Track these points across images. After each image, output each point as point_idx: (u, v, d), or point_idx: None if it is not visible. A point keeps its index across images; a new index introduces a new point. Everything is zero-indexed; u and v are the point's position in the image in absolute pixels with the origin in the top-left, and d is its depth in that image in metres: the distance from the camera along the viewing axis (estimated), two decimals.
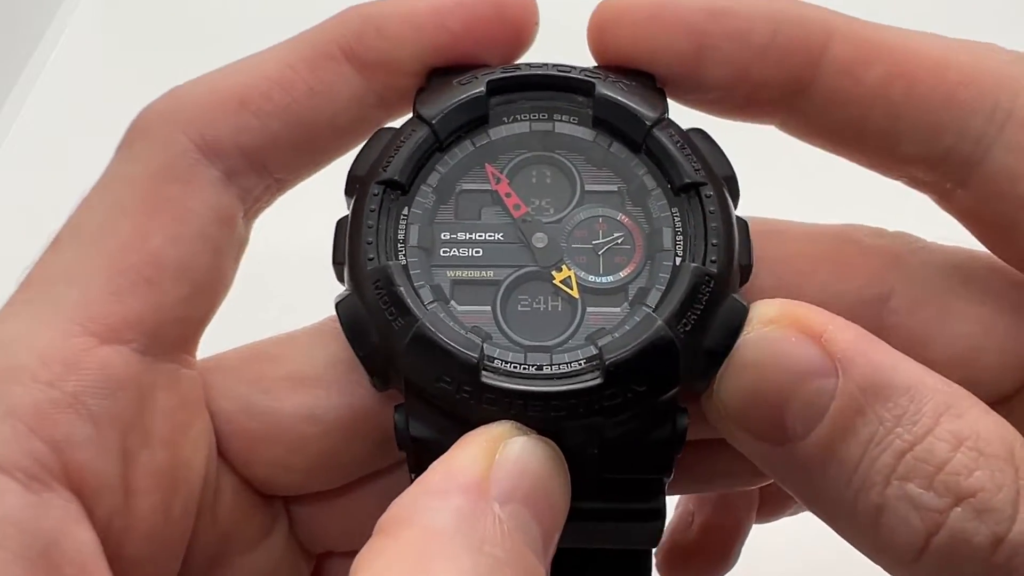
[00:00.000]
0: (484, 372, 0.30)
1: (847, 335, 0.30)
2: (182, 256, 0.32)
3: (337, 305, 0.32)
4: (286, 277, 0.62)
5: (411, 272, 0.32)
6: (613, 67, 0.35)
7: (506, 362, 0.31)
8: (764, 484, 0.43)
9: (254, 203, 0.35)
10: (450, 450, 0.29)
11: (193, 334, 0.34)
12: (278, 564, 0.37)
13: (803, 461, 0.30)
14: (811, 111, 0.34)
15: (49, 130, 0.66)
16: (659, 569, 0.47)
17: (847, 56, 0.33)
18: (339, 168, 0.35)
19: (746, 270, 0.33)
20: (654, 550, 0.36)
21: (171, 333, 0.32)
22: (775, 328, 0.31)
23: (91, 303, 0.31)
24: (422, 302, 0.32)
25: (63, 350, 0.30)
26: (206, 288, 0.33)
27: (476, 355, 0.30)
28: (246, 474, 0.35)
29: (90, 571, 0.28)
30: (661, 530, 0.34)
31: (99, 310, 0.31)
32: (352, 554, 0.38)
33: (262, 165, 0.34)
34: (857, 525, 0.30)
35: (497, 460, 0.29)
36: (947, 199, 0.35)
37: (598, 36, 0.34)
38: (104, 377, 0.30)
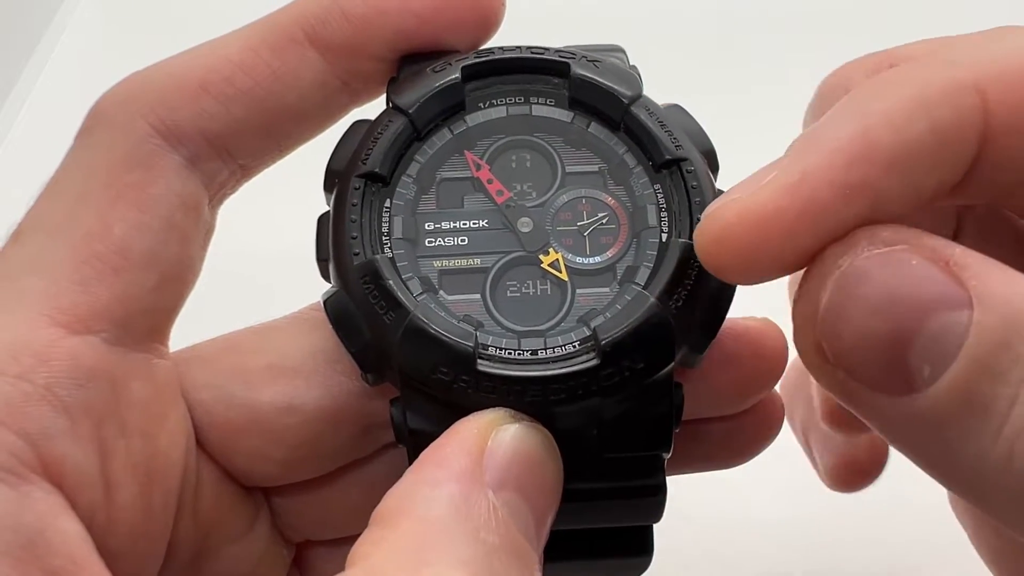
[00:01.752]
0: (480, 360, 0.30)
1: (978, 260, 0.25)
2: (148, 244, 0.32)
3: (325, 302, 0.32)
4: (264, 275, 0.62)
5: (398, 264, 0.32)
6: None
7: (500, 349, 0.31)
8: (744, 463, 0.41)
9: (219, 189, 0.34)
10: (441, 438, 0.29)
11: (164, 323, 0.33)
12: (261, 554, 0.37)
13: (935, 414, 0.25)
14: (983, 177, 0.29)
15: (49, 130, 0.66)
16: (834, 485, 0.43)
17: (1006, 110, 0.28)
18: (317, 163, 0.34)
19: None
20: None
21: (141, 322, 0.32)
22: (889, 251, 0.26)
23: (58, 294, 0.30)
24: (412, 294, 0.31)
25: (32, 342, 0.29)
26: (174, 276, 0.33)
27: (471, 344, 0.30)
28: (226, 465, 0.35)
29: (79, 561, 0.28)
30: (663, 505, 0.34)
31: (66, 301, 0.30)
32: (334, 543, 0.39)
33: (226, 150, 0.34)
34: (1011, 491, 0.25)
35: (489, 447, 0.29)
36: None
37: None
38: (75, 368, 0.30)
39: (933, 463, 0.27)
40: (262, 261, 0.62)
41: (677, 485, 0.34)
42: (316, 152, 0.35)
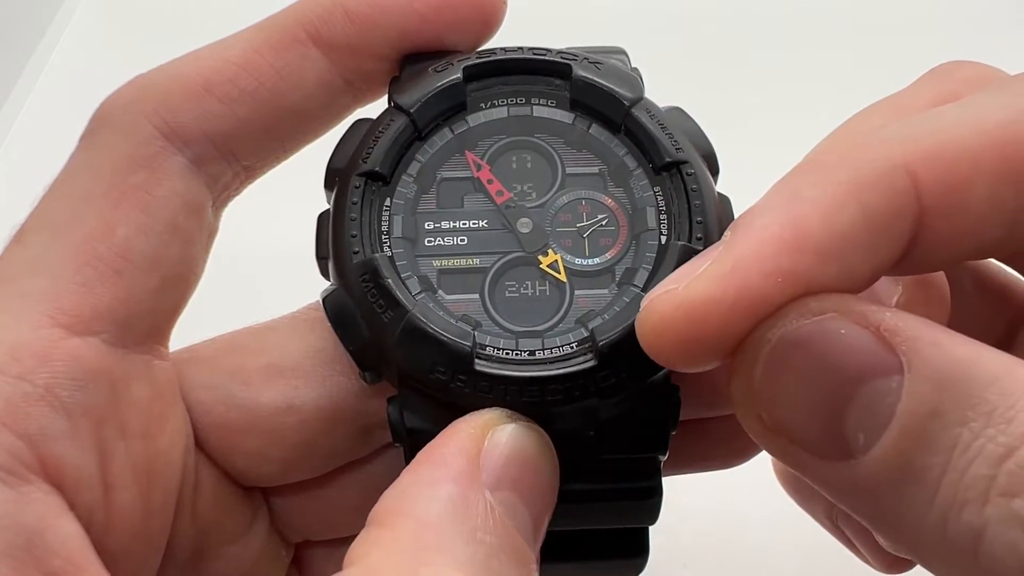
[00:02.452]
0: (477, 360, 0.30)
1: (910, 323, 0.25)
2: (150, 246, 0.32)
3: (324, 300, 0.32)
4: (264, 273, 0.62)
5: (397, 263, 0.32)
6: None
7: (498, 349, 0.31)
8: (742, 463, 0.41)
9: (223, 191, 0.34)
10: (438, 438, 0.29)
11: (164, 325, 0.33)
12: (259, 554, 0.37)
13: (872, 480, 0.25)
14: (929, 259, 0.28)
15: (49, 130, 0.67)
16: (890, 568, 0.42)
17: (940, 191, 0.27)
18: (318, 161, 0.35)
19: None
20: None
21: (142, 324, 0.32)
22: (818, 320, 0.26)
23: (60, 295, 0.30)
24: (410, 293, 0.32)
25: (33, 343, 0.29)
26: (176, 278, 0.33)
27: (468, 344, 0.30)
28: (225, 465, 0.35)
29: (78, 562, 0.28)
30: (659, 507, 0.34)
31: (68, 301, 0.30)
32: (332, 543, 0.39)
33: (230, 152, 0.34)
34: (949, 556, 0.25)
35: (486, 447, 0.29)
36: None
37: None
38: (75, 369, 0.30)
39: (876, 525, 0.27)
40: (261, 259, 0.62)
41: (673, 484, 0.34)
42: (317, 150, 0.35)
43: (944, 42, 0.78)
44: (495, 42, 0.35)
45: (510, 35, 0.35)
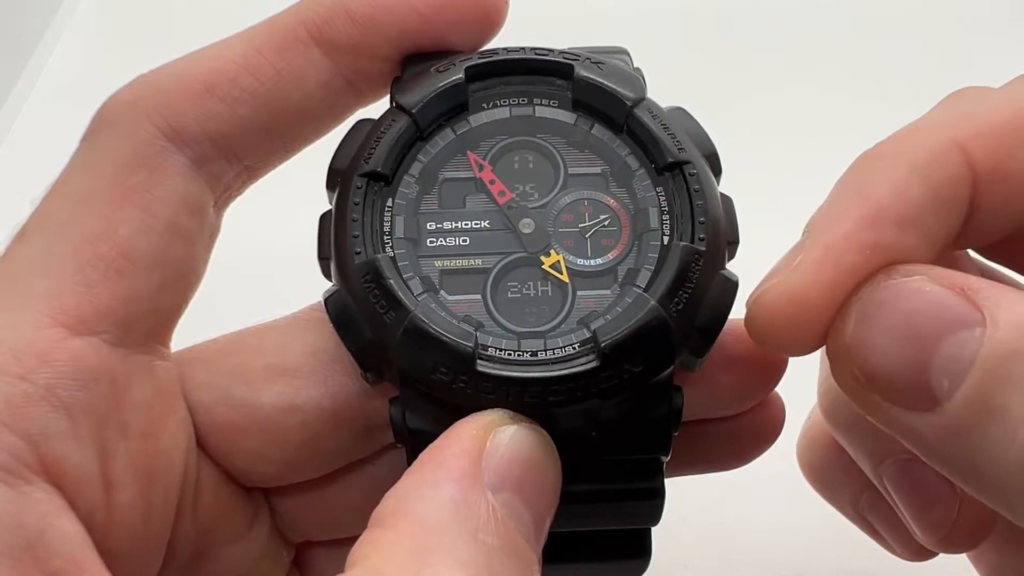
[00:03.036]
0: (479, 361, 0.30)
1: (990, 285, 0.27)
2: (152, 246, 0.32)
3: (326, 301, 0.32)
4: (265, 274, 0.62)
5: (399, 264, 0.32)
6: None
7: (500, 350, 0.31)
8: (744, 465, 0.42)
9: (224, 191, 0.34)
10: (440, 439, 0.29)
11: (166, 325, 0.33)
12: (260, 554, 0.37)
13: (956, 424, 0.27)
14: (988, 226, 0.31)
15: (49, 130, 0.67)
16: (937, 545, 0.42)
17: (988, 162, 0.30)
18: (319, 162, 0.34)
19: (733, 246, 0.33)
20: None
21: (143, 324, 0.32)
22: (905, 281, 0.28)
23: (61, 294, 0.30)
24: (412, 294, 0.31)
25: (34, 342, 0.29)
26: (177, 278, 0.33)
27: (471, 344, 0.30)
28: (226, 465, 0.35)
29: (79, 562, 0.28)
30: (661, 508, 0.34)
31: (69, 301, 0.30)
32: (334, 543, 0.39)
33: (231, 152, 0.34)
34: None
35: (487, 449, 0.29)
36: None
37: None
38: (77, 369, 0.30)
39: (961, 473, 0.28)
40: (263, 260, 0.62)
41: (675, 485, 0.34)
42: (318, 151, 0.35)
43: (946, 42, 0.78)
44: (497, 42, 0.35)
45: (512, 35, 0.35)
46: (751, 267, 0.33)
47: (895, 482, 0.39)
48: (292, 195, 0.44)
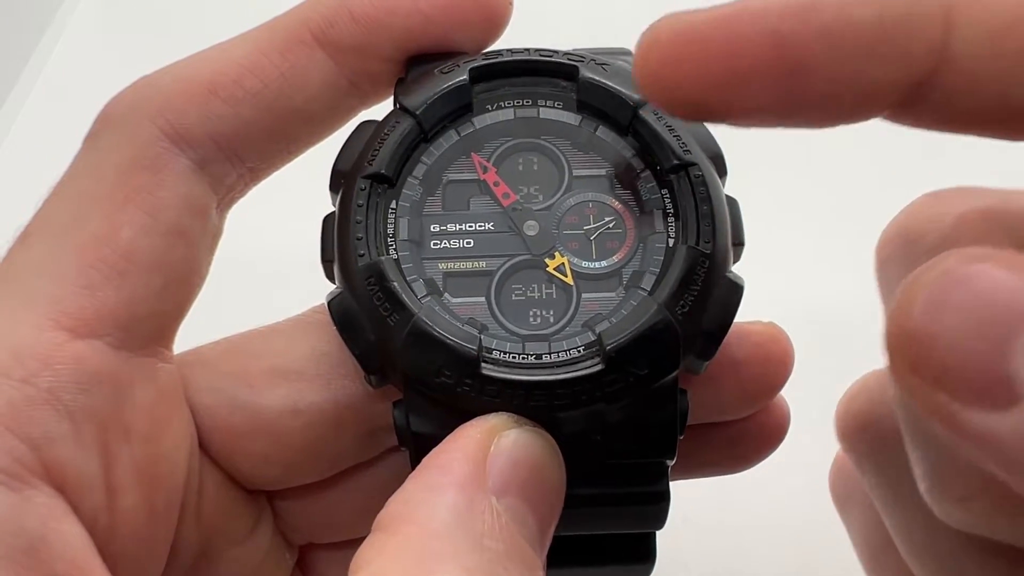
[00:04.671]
0: (484, 364, 0.30)
1: None
2: (154, 248, 0.31)
3: (329, 303, 0.32)
4: (268, 275, 0.62)
5: (403, 266, 0.32)
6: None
7: (505, 352, 0.31)
8: (749, 468, 0.40)
9: (227, 193, 0.34)
10: (444, 443, 0.29)
11: (168, 327, 0.33)
12: (264, 557, 0.37)
13: None
14: (938, 100, 0.27)
15: (49, 130, 0.67)
16: None
17: (977, 30, 0.26)
18: (323, 164, 0.34)
19: (739, 248, 0.33)
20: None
21: (146, 327, 0.32)
22: (979, 265, 0.24)
23: (63, 297, 0.30)
24: (416, 296, 0.31)
25: (36, 345, 0.29)
26: (180, 281, 0.33)
27: (475, 347, 0.30)
28: (229, 469, 0.35)
29: (82, 566, 0.28)
30: (666, 512, 0.34)
31: (71, 304, 0.30)
32: (337, 546, 0.39)
33: (234, 153, 0.33)
34: None
35: (492, 453, 0.29)
36: None
37: (652, 70, 0.27)
38: (79, 372, 0.29)
39: None
40: (266, 262, 0.62)
41: (676, 485, 0.34)
42: (322, 152, 0.35)
43: None
44: (501, 43, 0.35)
45: (516, 36, 0.35)
46: (757, 270, 0.32)
47: None
48: (295, 197, 0.44)
